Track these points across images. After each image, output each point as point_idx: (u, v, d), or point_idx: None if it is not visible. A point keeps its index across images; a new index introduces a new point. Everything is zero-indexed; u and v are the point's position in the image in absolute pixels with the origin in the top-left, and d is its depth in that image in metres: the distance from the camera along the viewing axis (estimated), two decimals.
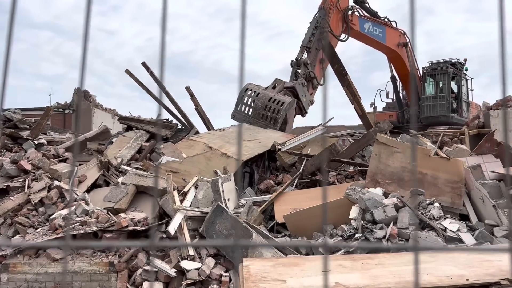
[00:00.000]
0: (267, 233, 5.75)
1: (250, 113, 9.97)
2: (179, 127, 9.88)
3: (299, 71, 10.74)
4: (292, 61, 10.86)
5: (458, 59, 16.15)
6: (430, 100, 15.43)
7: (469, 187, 6.12)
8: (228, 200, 6.16)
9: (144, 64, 10.05)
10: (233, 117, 10.18)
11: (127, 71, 10.05)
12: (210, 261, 5.36)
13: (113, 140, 8.99)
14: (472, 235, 5.10)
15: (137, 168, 7.53)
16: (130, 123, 9.72)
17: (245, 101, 10.13)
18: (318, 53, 10.57)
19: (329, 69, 10.42)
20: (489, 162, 7.23)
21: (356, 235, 5.19)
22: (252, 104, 10.02)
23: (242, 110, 10.12)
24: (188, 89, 10.02)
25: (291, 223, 6.13)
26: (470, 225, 5.50)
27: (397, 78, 16.36)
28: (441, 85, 15.55)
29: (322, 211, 6.32)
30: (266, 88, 10.31)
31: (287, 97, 10.01)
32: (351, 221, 5.60)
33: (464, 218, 5.91)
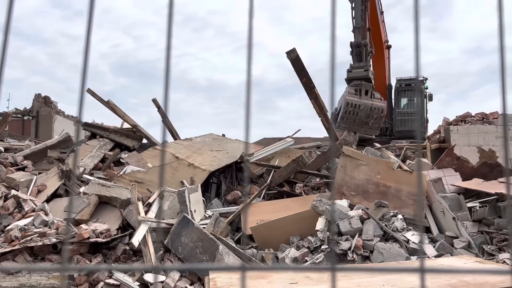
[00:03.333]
0: (233, 245, 5.69)
1: (355, 122, 10.79)
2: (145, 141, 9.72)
3: (361, 52, 11.69)
4: (351, 43, 11.75)
5: (422, 76, 16.81)
6: (404, 114, 15.89)
7: (431, 199, 6.31)
8: (195, 211, 6.07)
9: (154, 101, 9.83)
10: (338, 127, 10.97)
11: (89, 91, 9.73)
12: (175, 274, 5.24)
13: (75, 148, 8.72)
14: (434, 247, 5.24)
15: (100, 178, 7.31)
16: (94, 131, 9.46)
17: (349, 112, 10.91)
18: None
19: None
20: (449, 176, 7.49)
21: (322, 247, 5.22)
22: (357, 114, 10.93)
23: (346, 120, 10.94)
24: (155, 101, 9.88)
25: (258, 235, 6.10)
26: (432, 237, 5.65)
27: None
28: (415, 100, 16.11)
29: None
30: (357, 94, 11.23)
31: (381, 102, 10.99)
32: (317, 232, 5.63)
33: (425, 230, 6.07)
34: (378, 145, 9.98)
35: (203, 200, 6.68)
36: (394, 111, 16.16)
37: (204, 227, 5.71)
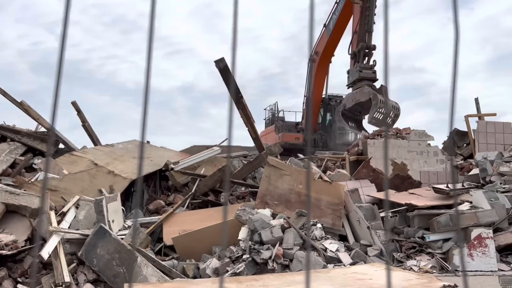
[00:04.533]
0: (153, 256, 5.52)
1: (380, 118, 11.53)
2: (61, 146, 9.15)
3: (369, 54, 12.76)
4: (362, 44, 12.69)
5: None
6: (340, 128, 16.60)
7: (348, 209, 6.61)
8: (113, 221, 5.80)
9: (74, 104, 9.22)
10: (369, 122, 11.74)
11: (0, 90, 8.97)
12: (89, 286, 4.95)
13: None
14: (349, 255, 5.48)
15: (8, 185, 6.73)
16: (4, 133, 8.71)
17: (380, 110, 11.71)
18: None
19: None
20: (366, 187, 7.93)
21: (244, 256, 5.23)
22: (383, 111, 11.84)
23: (378, 116, 11.74)
24: (74, 104, 9.35)
25: (179, 245, 5.97)
26: (348, 245, 5.91)
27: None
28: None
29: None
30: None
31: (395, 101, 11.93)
32: (240, 242, 5.64)
33: (343, 238, 6.34)
34: (301, 155, 10.30)
35: (122, 209, 6.41)
36: (332, 125, 16.99)
37: (122, 238, 5.47)
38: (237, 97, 9.40)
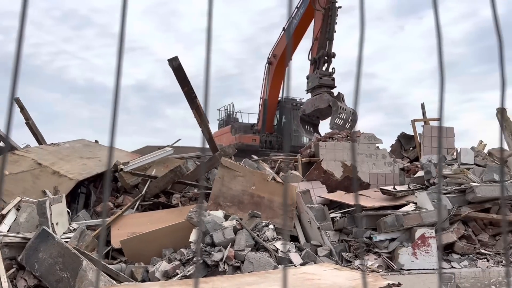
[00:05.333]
0: (101, 260, 5.31)
1: (341, 124, 12.20)
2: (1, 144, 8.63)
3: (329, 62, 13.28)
4: (323, 51, 13.15)
5: (302, 98, 18.11)
6: (295, 131, 16.77)
7: (300, 210, 6.70)
8: (57, 224, 5.53)
9: (17, 100, 8.64)
10: (331, 128, 12.15)
11: None
12: None
13: None
14: (300, 255, 5.55)
15: None
16: None
17: (340, 115, 12.36)
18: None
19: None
20: (317, 188, 8.07)
21: (194, 259, 5.16)
22: (344, 117, 12.48)
23: (338, 122, 12.41)
24: (18, 101, 8.85)
25: (128, 248, 5.79)
26: (299, 246, 5.99)
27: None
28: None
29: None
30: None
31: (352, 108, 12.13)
32: (191, 244, 5.56)
33: (294, 239, 6.42)
34: (255, 157, 10.34)
35: (68, 211, 6.14)
36: (282, 126, 17.15)
37: (67, 241, 5.23)
38: (191, 97, 9.29)
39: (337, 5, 13.28)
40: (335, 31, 13.31)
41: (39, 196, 6.24)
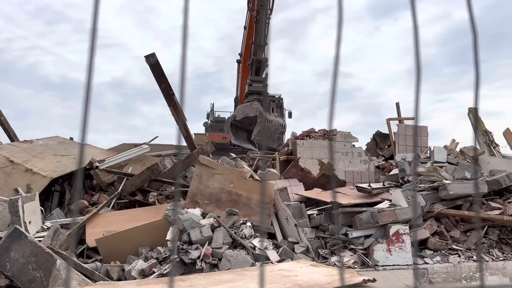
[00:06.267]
0: (75, 259, 5.23)
1: (265, 136, 12.04)
2: None
3: (260, 67, 12.93)
4: (253, 58, 12.82)
5: (280, 95, 18.15)
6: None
7: (277, 207, 6.74)
8: (30, 222, 5.41)
9: None
10: (253, 138, 12.03)
11: None
12: None
13: None
14: (277, 252, 5.58)
15: None
16: None
17: (266, 127, 12.33)
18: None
19: None
20: (294, 185, 8.14)
21: (171, 257, 5.13)
22: (271, 129, 12.41)
23: (263, 134, 12.20)
24: None
25: (103, 247, 5.71)
26: (276, 243, 6.02)
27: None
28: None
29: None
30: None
31: (283, 120, 12.58)
32: (168, 242, 5.52)
33: (272, 236, 6.45)
34: (233, 155, 10.33)
35: (41, 210, 6.00)
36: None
37: (40, 240, 5.11)
38: (168, 94, 9.21)
39: (273, 10, 12.93)
40: (266, 35, 12.73)
41: (11, 194, 6.07)
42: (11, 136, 8.99)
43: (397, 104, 12.20)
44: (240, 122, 13.64)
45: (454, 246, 6.62)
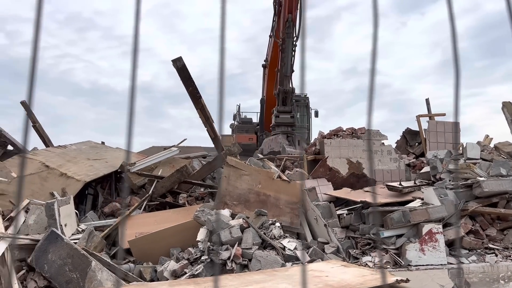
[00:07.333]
0: (109, 260, 5.36)
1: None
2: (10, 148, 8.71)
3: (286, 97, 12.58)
4: (279, 88, 12.47)
5: (306, 94, 18.06)
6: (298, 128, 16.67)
7: (306, 207, 6.71)
8: (65, 225, 5.58)
9: (23, 103, 8.74)
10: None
11: None
12: None
13: None
14: (307, 253, 5.56)
15: None
16: None
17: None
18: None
19: None
20: (322, 185, 8.08)
21: (202, 258, 5.19)
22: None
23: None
24: (23, 104, 8.92)
25: (136, 248, 5.83)
26: (306, 243, 6.00)
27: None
28: (298, 115, 17.05)
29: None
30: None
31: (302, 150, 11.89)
32: (198, 243, 5.58)
33: (301, 236, 6.42)
34: (261, 155, 10.34)
35: (76, 213, 6.19)
36: None
37: (75, 242, 5.28)
38: (195, 97, 9.32)
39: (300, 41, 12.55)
40: (292, 64, 12.32)
41: (47, 198, 6.29)
42: (46, 141, 9.31)
43: (427, 100, 11.92)
44: (266, 156, 13.63)
45: (490, 245, 6.40)
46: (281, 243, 5.55)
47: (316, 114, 18.23)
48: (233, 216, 6.22)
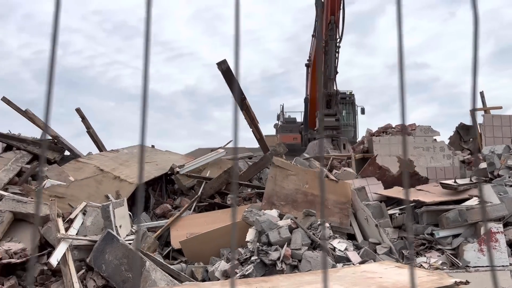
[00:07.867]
0: (161, 260, 5.51)
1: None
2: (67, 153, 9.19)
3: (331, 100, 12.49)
4: (324, 91, 12.33)
5: (351, 91, 17.73)
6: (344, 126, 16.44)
7: (355, 207, 6.57)
8: (120, 226, 5.80)
9: (78, 110, 9.36)
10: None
11: (4, 99, 9.09)
12: None
13: None
14: (358, 253, 5.44)
15: (15, 193, 6.75)
16: (10, 142, 8.75)
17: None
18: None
19: None
20: (372, 184, 7.87)
21: (252, 258, 5.21)
22: None
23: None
24: (78, 111, 9.38)
25: (187, 249, 5.96)
26: (356, 244, 5.87)
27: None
28: (344, 113, 16.78)
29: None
30: None
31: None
32: (248, 244, 5.61)
33: (351, 237, 6.30)
34: (307, 155, 10.25)
35: (129, 214, 6.41)
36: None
37: (130, 243, 5.47)
38: (240, 99, 9.39)
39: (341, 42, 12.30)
40: (336, 66, 12.25)
41: (102, 201, 6.57)
42: (100, 146, 9.73)
43: (481, 93, 11.33)
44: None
45: None
46: (331, 244, 5.47)
47: (363, 111, 17.84)
48: (281, 216, 6.21)
